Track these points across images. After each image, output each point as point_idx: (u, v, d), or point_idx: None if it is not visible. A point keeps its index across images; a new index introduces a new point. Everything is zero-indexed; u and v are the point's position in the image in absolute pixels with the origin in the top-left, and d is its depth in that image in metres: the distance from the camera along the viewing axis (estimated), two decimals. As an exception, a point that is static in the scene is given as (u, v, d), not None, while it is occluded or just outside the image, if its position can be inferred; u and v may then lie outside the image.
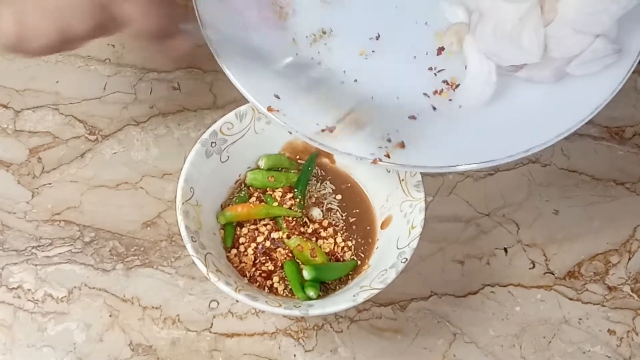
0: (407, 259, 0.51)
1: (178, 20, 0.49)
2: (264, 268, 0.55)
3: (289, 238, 0.56)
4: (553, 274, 0.61)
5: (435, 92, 0.56)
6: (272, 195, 0.58)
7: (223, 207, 0.58)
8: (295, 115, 0.52)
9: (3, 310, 0.58)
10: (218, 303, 0.59)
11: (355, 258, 0.56)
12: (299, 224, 0.57)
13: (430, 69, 0.57)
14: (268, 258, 0.55)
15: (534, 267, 0.61)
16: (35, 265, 0.60)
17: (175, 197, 0.53)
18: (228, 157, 0.57)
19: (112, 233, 0.61)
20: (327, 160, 0.60)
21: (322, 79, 0.56)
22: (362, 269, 0.55)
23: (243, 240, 0.56)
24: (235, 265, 0.55)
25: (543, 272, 0.61)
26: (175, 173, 0.60)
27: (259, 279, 0.54)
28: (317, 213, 0.58)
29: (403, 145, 0.52)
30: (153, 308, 0.58)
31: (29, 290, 0.59)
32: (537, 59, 0.52)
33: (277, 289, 0.54)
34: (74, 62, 0.70)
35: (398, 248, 0.52)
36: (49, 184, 0.63)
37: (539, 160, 0.66)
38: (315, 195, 0.59)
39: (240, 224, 0.57)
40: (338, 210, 0.58)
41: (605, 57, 0.52)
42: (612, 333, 0.59)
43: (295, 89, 0.54)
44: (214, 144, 0.56)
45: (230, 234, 0.56)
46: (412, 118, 0.55)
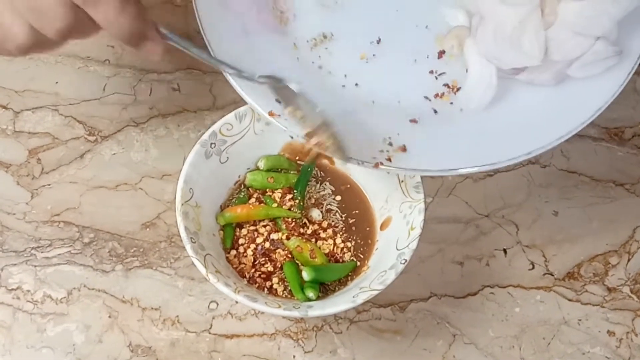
0: (406, 260, 0.51)
1: (152, 24, 0.48)
2: (264, 269, 0.55)
3: (289, 239, 0.56)
4: (552, 275, 0.61)
5: (436, 95, 0.56)
6: (271, 196, 0.58)
7: (222, 208, 0.58)
8: (296, 120, 0.52)
9: (2, 311, 0.58)
10: (217, 304, 0.59)
11: (355, 259, 0.56)
12: (299, 225, 0.57)
13: (431, 73, 0.57)
14: (267, 259, 0.55)
15: (534, 268, 0.61)
16: (35, 266, 0.60)
17: (175, 198, 0.53)
18: (227, 158, 0.57)
19: (111, 234, 0.61)
20: (326, 162, 0.60)
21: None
22: (361, 270, 0.55)
23: (242, 241, 0.56)
24: (235, 266, 0.55)
25: (542, 273, 0.61)
26: (175, 174, 0.60)
27: (259, 280, 0.54)
28: (316, 214, 0.58)
29: (404, 149, 0.52)
30: (152, 309, 0.58)
31: (28, 291, 0.59)
32: (537, 62, 0.52)
33: (276, 290, 0.54)
34: (74, 63, 0.70)
35: (397, 249, 0.52)
36: (49, 185, 0.63)
37: (539, 162, 0.66)
38: (315, 196, 0.59)
39: (240, 225, 0.57)
40: (337, 211, 0.58)
41: (606, 59, 0.52)
42: (611, 334, 0.59)
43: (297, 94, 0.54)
44: (214, 145, 0.56)
45: (230, 235, 0.56)
46: (413, 121, 0.55)
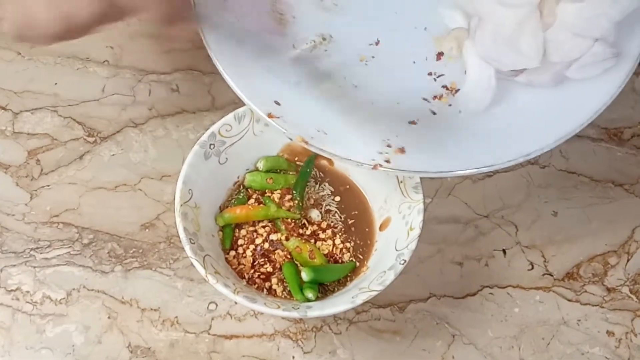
0: (405, 261, 0.51)
1: (185, 6, 0.48)
2: (263, 270, 0.55)
3: (288, 240, 0.56)
4: (552, 276, 0.61)
5: (435, 97, 0.56)
6: (270, 197, 0.58)
7: (222, 209, 0.58)
8: (296, 122, 0.52)
9: (1, 312, 0.58)
10: (217, 305, 0.58)
11: (354, 260, 0.56)
12: (298, 226, 0.57)
13: (430, 74, 0.57)
14: (267, 260, 0.55)
15: (533, 268, 0.61)
16: (34, 267, 0.60)
17: (174, 199, 0.53)
18: (226, 159, 0.57)
19: (110, 235, 0.61)
20: (325, 162, 0.60)
21: (326, 75, 0.56)
22: (360, 271, 0.55)
23: (242, 242, 0.56)
24: (234, 267, 0.55)
25: (542, 273, 0.61)
26: (174, 175, 0.60)
27: (258, 281, 0.54)
28: (315, 215, 0.58)
29: (403, 151, 0.52)
30: (152, 310, 0.58)
31: (28, 292, 0.59)
32: (536, 64, 0.52)
33: (275, 291, 0.54)
34: (73, 63, 0.70)
35: (397, 250, 0.52)
36: (48, 186, 0.63)
37: (538, 162, 0.66)
38: (314, 197, 0.59)
39: (239, 226, 0.57)
40: (337, 212, 0.58)
41: (605, 60, 0.52)
42: (610, 334, 0.59)
43: (296, 96, 0.54)
44: (213, 146, 0.56)
45: (229, 236, 0.56)
46: (412, 123, 0.55)
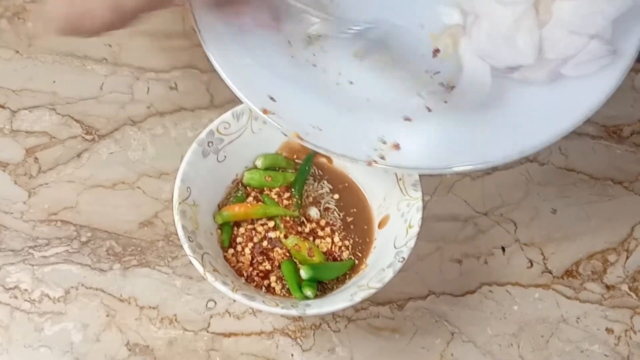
0: (404, 258, 0.51)
1: None
2: (261, 268, 0.55)
3: (287, 238, 0.56)
4: (551, 273, 0.61)
5: (431, 93, 0.56)
6: (269, 195, 0.58)
7: (220, 206, 0.57)
8: (291, 118, 0.52)
9: (0, 311, 0.58)
10: (215, 303, 0.58)
11: (353, 257, 0.56)
12: (297, 224, 0.57)
13: (426, 71, 0.57)
14: (265, 258, 0.55)
15: (532, 266, 0.61)
16: (32, 266, 0.59)
17: (172, 197, 0.53)
18: (225, 156, 0.57)
19: (109, 233, 0.61)
20: (324, 160, 0.60)
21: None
22: (359, 269, 0.55)
23: (240, 240, 0.56)
24: (233, 265, 0.55)
25: (541, 271, 0.61)
26: (173, 173, 0.60)
27: (256, 279, 0.54)
28: (314, 212, 0.58)
29: (398, 147, 0.52)
30: (150, 308, 0.58)
31: (26, 291, 0.58)
32: (532, 61, 0.52)
33: (274, 289, 0.54)
34: (71, 62, 0.70)
35: (395, 247, 0.52)
36: (46, 184, 0.63)
37: (537, 159, 0.66)
38: (313, 195, 0.59)
39: (238, 224, 0.57)
40: (335, 210, 0.58)
41: (601, 58, 0.52)
42: (610, 332, 0.59)
43: (291, 92, 0.54)
44: (211, 144, 0.56)
45: (228, 234, 0.56)
46: (407, 120, 0.54)
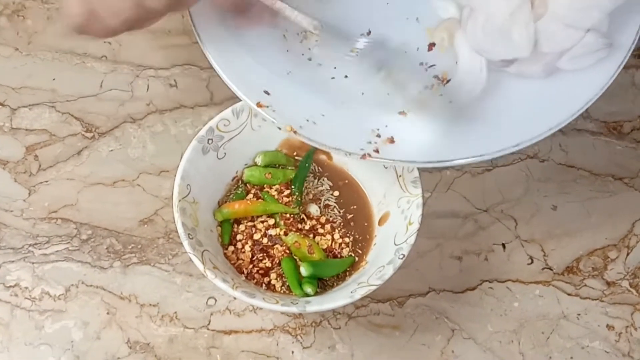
0: (404, 255, 0.50)
1: None
2: (262, 265, 0.55)
3: (287, 235, 0.56)
4: (551, 270, 0.61)
5: (426, 87, 0.56)
6: (269, 192, 0.58)
7: (220, 204, 0.57)
8: (285, 112, 0.52)
9: (0, 309, 0.58)
10: (215, 300, 0.58)
11: (353, 254, 0.56)
12: (297, 221, 0.57)
13: (421, 65, 0.57)
14: (265, 255, 0.55)
15: (532, 262, 0.61)
16: (33, 263, 0.60)
17: (172, 194, 0.53)
18: (225, 154, 0.57)
19: (109, 230, 0.61)
20: (324, 157, 0.60)
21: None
22: (359, 266, 0.55)
23: (240, 237, 0.56)
24: (233, 262, 0.55)
25: (541, 267, 0.61)
26: (172, 170, 0.59)
27: (257, 276, 0.54)
28: (314, 209, 0.58)
29: (392, 141, 0.52)
30: (150, 305, 0.58)
31: (26, 288, 0.58)
32: (527, 54, 0.52)
33: (274, 286, 0.54)
34: (71, 59, 0.70)
35: (395, 244, 0.52)
36: (46, 182, 0.63)
37: (537, 156, 0.66)
38: (313, 192, 0.59)
39: (238, 221, 0.57)
40: (335, 207, 0.58)
41: (597, 51, 0.52)
42: (610, 328, 0.59)
43: (286, 85, 0.54)
44: (211, 141, 0.56)
45: (228, 231, 0.56)
46: (401, 113, 0.54)
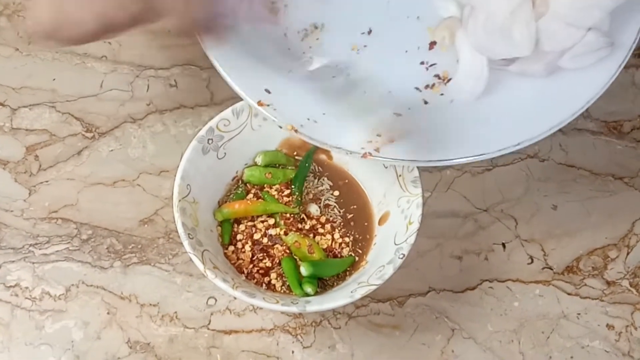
0: (404, 255, 0.51)
1: (219, 14, 0.48)
2: (262, 265, 0.55)
3: (287, 234, 0.56)
4: (551, 269, 0.61)
5: (427, 86, 0.56)
6: (269, 192, 0.58)
7: (220, 204, 0.57)
8: (286, 110, 0.52)
9: (1, 309, 0.58)
10: (216, 300, 0.58)
11: (353, 254, 0.56)
12: (297, 221, 0.57)
13: (422, 64, 0.57)
14: (265, 255, 0.55)
15: (533, 262, 0.61)
16: (33, 263, 0.60)
17: (172, 194, 0.53)
18: (225, 153, 0.57)
19: (109, 230, 0.61)
20: (324, 157, 0.60)
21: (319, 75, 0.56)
22: (359, 265, 0.55)
23: (240, 237, 0.56)
24: (233, 262, 0.55)
25: (541, 267, 0.61)
26: (172, 170, 0.59)
27: (257, 276, 0.54)
28: (314, 209, 0.58)
29: (393, 140, 0.52)
30: (151, 305, 0.58)
31: (27, 288, 0.59)
32: (528, 53, 0.52)
33: (274, 286, 0.54)
34: (71, 59, 0.70)
35: (396, 244, 0.52)
36: (46, 182, 0.63)
37: (537, 155, 0.66)
38: (313, 192, 0.59)
39: (238, 221, 0.57)
40: (335, 207, 0.58)
41: (598, 50, 0.52)
42: (610, 328, 0.59)
43: (287, 84, 0.54)
44: (211, 141, 0.56)
45: (228, 231, 0.56)
46: (402, 112, 0.54)
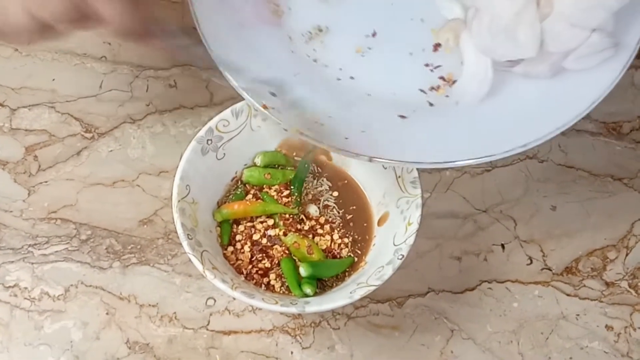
0: (403, 256, 0.50)
1: (154, 20, 0.48)
2: (261, 265, 0.55)
3: (286, 235, 0.56)
4: (550, 270, 0.61)
5: (432, 88, 0.56)
6: (268, 193, 0.58)
7: (219, 204, 0.57)
8: (291, 113, 0.52)
9: (0, 309, 0.58)
10: (215, 300, 0.58)
11: (352, 255, 0.56)
12: (296, 221, 0.57)
13: (427, 66, 0.57)
14: (265, 255, 0.55)
15: (532, 263, 0.61)
16: (32, 264, 0.60)
17: (172, 194, 0.53)
18: (224, 154, 0.57)
19: (108, 231, 0.61)
20: (323, 157, 0.60)
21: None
22: (359, 266, 0.55)
23: (239, 238, 0.56)
24: (232, 263, 0.55)
25: (540, 268, 0.61)
26: (172, 170, 0.59)
27: (256, 277, 0.54)
28: (313, 210, 0.58)
29: (399, 141, 0.52)
30: (150, 306, 0.58)
31: (26, 289, 0.59)
32: (533, 54, 0.52)
33: (273, 286, 0.54)
34: (70, 60, 0.70)
35: (395, 245, 0.52)
36: (45, 182, 0.63)
37: (537, 156, 0.66)
38: (312, 192, 0.59)
39: (237, 222, 0.57)
40: (335, 207, 0.58)
41: (602, 51, 0.52)
42: (609, 329, 0.59)
43: (292, 87, 0.54)
44: (210, 142, 0.56)
45: (227, 232, 0.56)
46: (408, 115, 0.54)
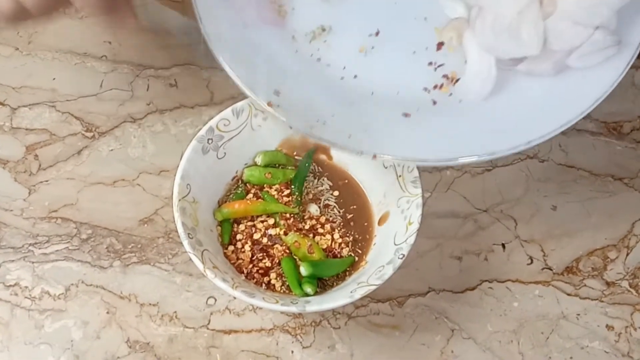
0: (404, 255, 0.50)
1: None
2: (261, 265, 0.55)
3: (286, 234, 0.56)
4: (551, 270, 0.61)
5: (435, 86, 0.56)
6: (269, 192, 0.58)
7: (220, 203, 0.57)
8: (295, 111, 0.52)
9: (0, 308, 0.58)
10: (215, 300, 0.58)
11: (353, 254, 0.56)
12: (296, 221, 0.57)
13: (430, 64, 0.57)
14: (265, 254, 0.55)
15: (532, 262, 0.61)
16: (32, 263, 0.60)
17: (172, 194, 0.53)
18: (225, 153, 0.57)
19: (109, 230, 0.61)
20: (324, 157, 0.60)
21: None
22: (359, 265, 0.55)
23: (240, 237, 0.56)
24: (233, 262, 0.55)
25: (541, 267, 0.61)
26: (172, 170, 0.59)
27: (256, 276, 0.54)
28: (314, 209, 0.58)
29: (402, 139, 0.52)
30: (150, 305, 0.58)
31: (26, 288, 0.59)
32: (536, 52, 0.52)
33: (274, 286, 0.54)
34: (71, 59, 0.70)
35: (395, 244, 0.52)
36: (46, 181, 0.63)
37: (537, 156, 0.66)
38: (313, 192, 0.59)
39: (237, 221, 0.57)
40: (335, 207, 0.58)
41: (606, 49, 0.52)
42: (610, 328, 0.59)
43: (296, 86, 0.54)
44: (211, 141, 0.56)
45: (227, 231, 0.56)
46: (411, 113, 0.54)
